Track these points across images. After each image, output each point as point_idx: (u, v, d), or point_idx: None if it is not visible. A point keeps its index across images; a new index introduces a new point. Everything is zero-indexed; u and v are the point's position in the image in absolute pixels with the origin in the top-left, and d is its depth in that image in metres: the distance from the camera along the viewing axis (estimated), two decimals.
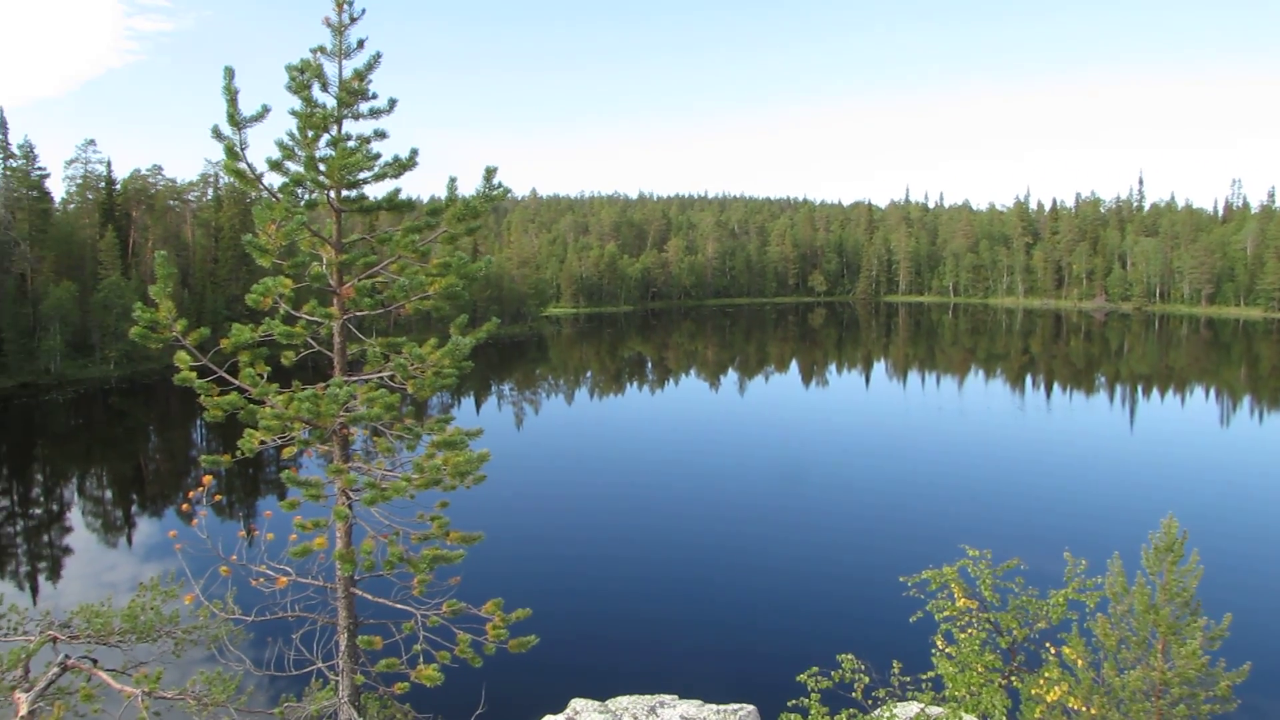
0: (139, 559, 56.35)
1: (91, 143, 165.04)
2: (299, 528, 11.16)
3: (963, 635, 15.05)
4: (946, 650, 15.27)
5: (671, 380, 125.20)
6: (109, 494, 74.43)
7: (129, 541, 61.08)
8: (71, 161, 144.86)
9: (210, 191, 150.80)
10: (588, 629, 38.92)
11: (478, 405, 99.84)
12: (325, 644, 12.48)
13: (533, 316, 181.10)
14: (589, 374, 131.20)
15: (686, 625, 39.84)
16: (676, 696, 18.29)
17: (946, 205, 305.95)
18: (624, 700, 16.92)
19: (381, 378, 11.19)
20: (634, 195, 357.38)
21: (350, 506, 11.10)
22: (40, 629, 19.49)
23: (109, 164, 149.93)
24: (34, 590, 50.38)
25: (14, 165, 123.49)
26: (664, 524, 55.13)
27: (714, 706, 17.66)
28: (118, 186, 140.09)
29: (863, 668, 15.13)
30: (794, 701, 15.27)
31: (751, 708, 18.45)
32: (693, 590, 44.26)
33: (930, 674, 15.34)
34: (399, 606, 11.68)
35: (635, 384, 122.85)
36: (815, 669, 15.31)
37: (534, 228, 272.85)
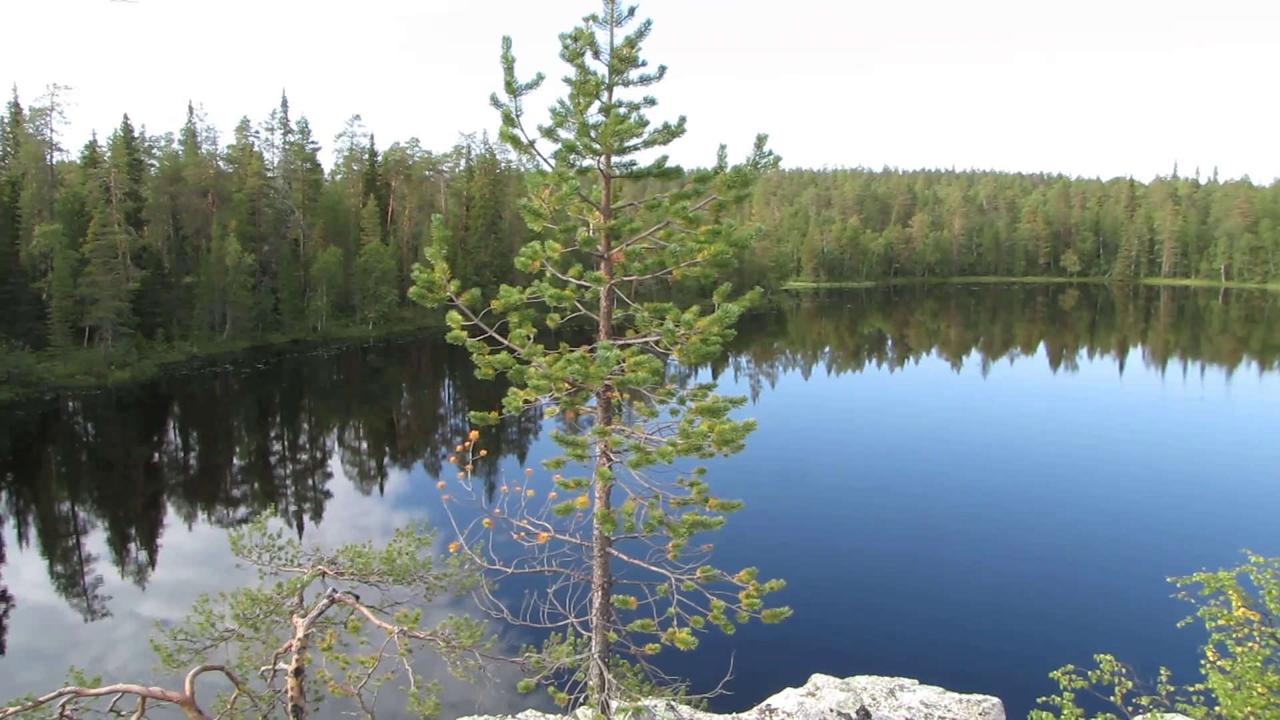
0: (390, 506, 59.90)
1: (357, 118, 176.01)
2: (561, 486, 11.47)
3: (1240, 649, 13.78)
4: (1219, 663, 14.04)
5: (912, 359, 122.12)
6: (365, 445, 79.38)
7: (381, 490, 64.99)
8: (340, 135, 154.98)
9: (463, 162, 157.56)
10: (830, 606, 38.68)
11: (714, 375, 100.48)
12: (578, 600, 12.83)
13: (772, 290, 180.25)
14: (827, 349, 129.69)
15: (929, 610, 38.97)
16: (916, 681, 17.86)
17: (1221, 181, 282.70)
18: (863, 680, 16.66)
19: (646, 342, 11.32)
20: (878, 169, 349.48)
21: (610, 468, 11.32)
22: (311, 563, 21.03)
23: (372, 137, 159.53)
24: (300, 528, 54.41)
25: (292, 140, 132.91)
26: (907, 505, 53.99)
27: (956, 695, 17.12)
28: (379, 158, 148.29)
29: (1124, 671, 14.22)
30: (1044, 699, 14.57)
31: (995, 700, 17.78)
32: (937, 574, 43.21)
33: (1200, 686, 14.26)
34: (653, 569, 11.85)
35: (874, 361, 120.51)
36: (1070, 667, 14.55)
37: (776, 200, 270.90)
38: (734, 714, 15.06)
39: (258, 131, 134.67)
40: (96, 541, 53.58)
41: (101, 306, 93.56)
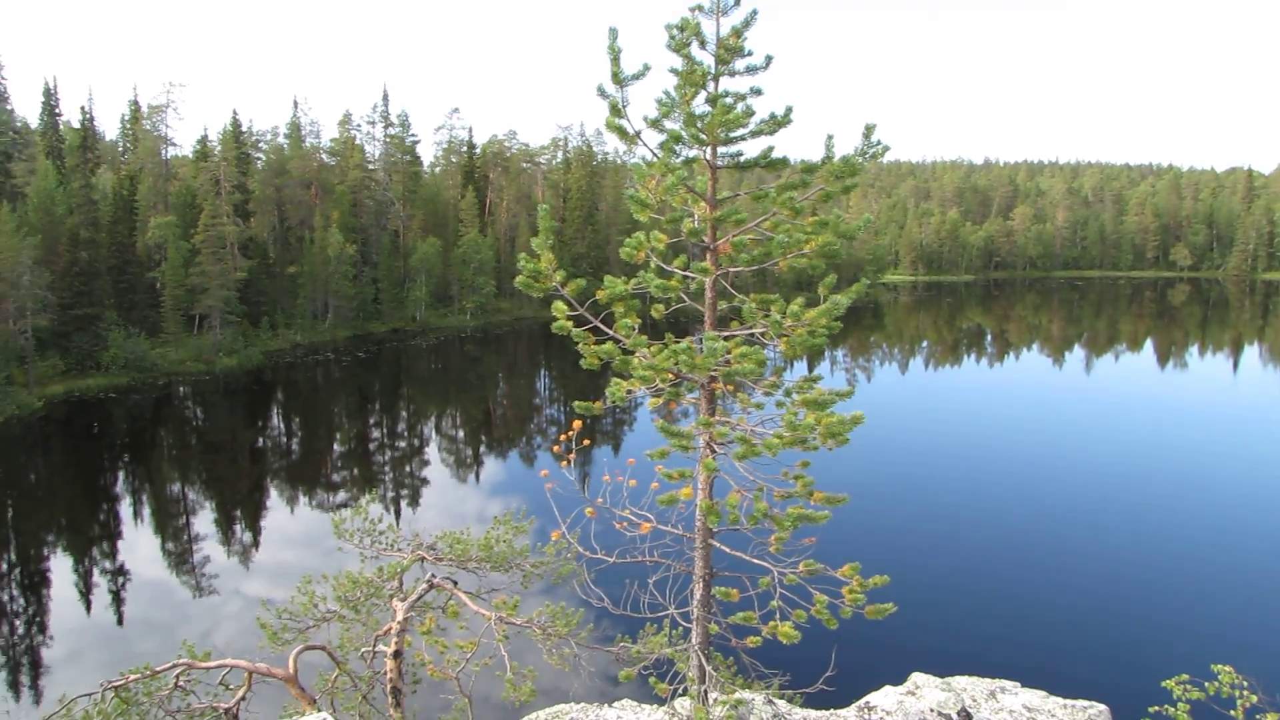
0: (485, 494, 60.68)
1: (456, 111, 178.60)
2: (665, 477, 11.48)
3: None
4: None
5: (1012, 354, 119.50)
6: (461, 433, 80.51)
7: (476, 478, 65.88)
8: (439, 128, 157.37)
9: (560, 155, 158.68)
10: (930, 604, 38.15)
11: (809, 368, 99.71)
12: (678, 591, 12.82)
13: (869, 283, 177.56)
14: (925, 344, 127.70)
15: (1031, 611, 38.21)
16: (1019, 684, 17.47)
17: None
18: (963, 680, 16.33)
19: (751, 334, 11.26)
20: (979, 160, 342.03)
21: (714, 460, 11.28)
22: (411, 548, 21.38)
23: (470, 130, 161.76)
24: (397, 514, 55.47)
25: (392, 133, 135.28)
26: (1011, 503, 52.96)
27: (1060, 700, 16.67)
28: (478, 150, 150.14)
29: (1245, 684, 13.65)
30: (1156, 709, 14.11)
31: (1103, 707, 17.28)
32: (1040, 575, 42.31)
33: None
34: (755, 561, 11.79)
35: (973, 356, 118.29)
36: (1184, 676, 14.06)
37: (873, 192, 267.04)
38: (832, 710, 14.91)
39: (359, 125, 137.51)
40: (204, 521, 55.34)
41: (211, 295, 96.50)
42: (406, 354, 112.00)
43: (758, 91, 11.74)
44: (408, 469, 67.62)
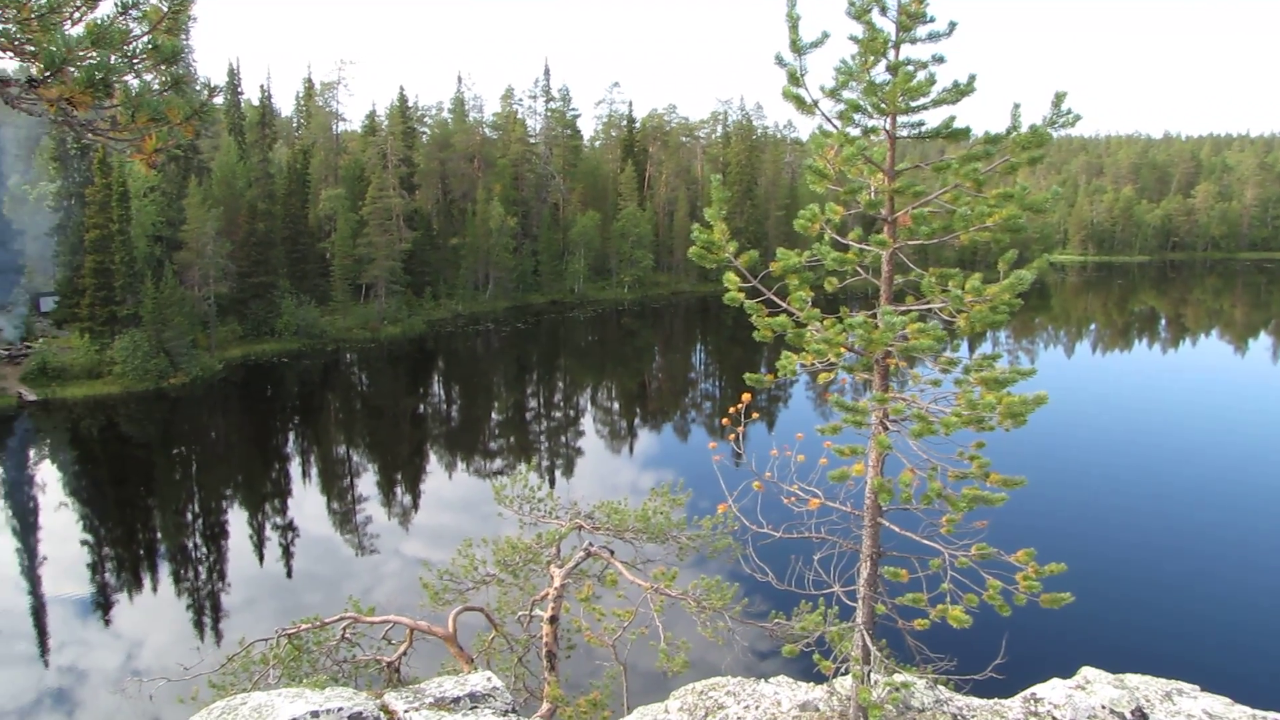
0: (639, 466, 61.20)
1: (616, 85, 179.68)
2: (836, 453, 11.31)
3: None
4: None
5: (1189, 340, 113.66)
6: (617, 405, 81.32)
7: (630, 450, 66.47)
8: (599, 102, 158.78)
9: (719, 129, 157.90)
10: (1101, 596, 36.69)
11: (971, 349, 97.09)
12: (844, 569, 12.65)
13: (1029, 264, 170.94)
14: (1093, 326, 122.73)
15: (1213, 612, 36.35)
16: (1198, 688, 16.62)
17: None
18: (1136, 679, 15.61)
19: (929, 309, 10.97)
20: (1157, 134, 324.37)
21: (887, 437, 11.06)
22: (569, 516, 21.69)
23: (630, 104, 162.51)
24: (551, 482, 56.43)
25: (553, 107, 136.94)
26: (1187, 498, 50.42)
27: (1247, 709, 15.71)
28: (637, 124, 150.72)
29: None
30: None
31: None
32: (1224, 573, 40.25)
33: None
34: (925, 542, 11.51)
35: (1145, 341, 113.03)
36: None
37: (1042, 168, 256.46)
38: (996, 699, 14.48)
39: (521, 99, 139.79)
40: (367, 483, 57.46)
41: (377, 265, 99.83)
42: (564, 326, 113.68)
43: (940, 59, 11.40)
44: (563, 439, 68.74)
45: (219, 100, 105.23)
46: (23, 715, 31.31)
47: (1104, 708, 13.75)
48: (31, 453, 62.94)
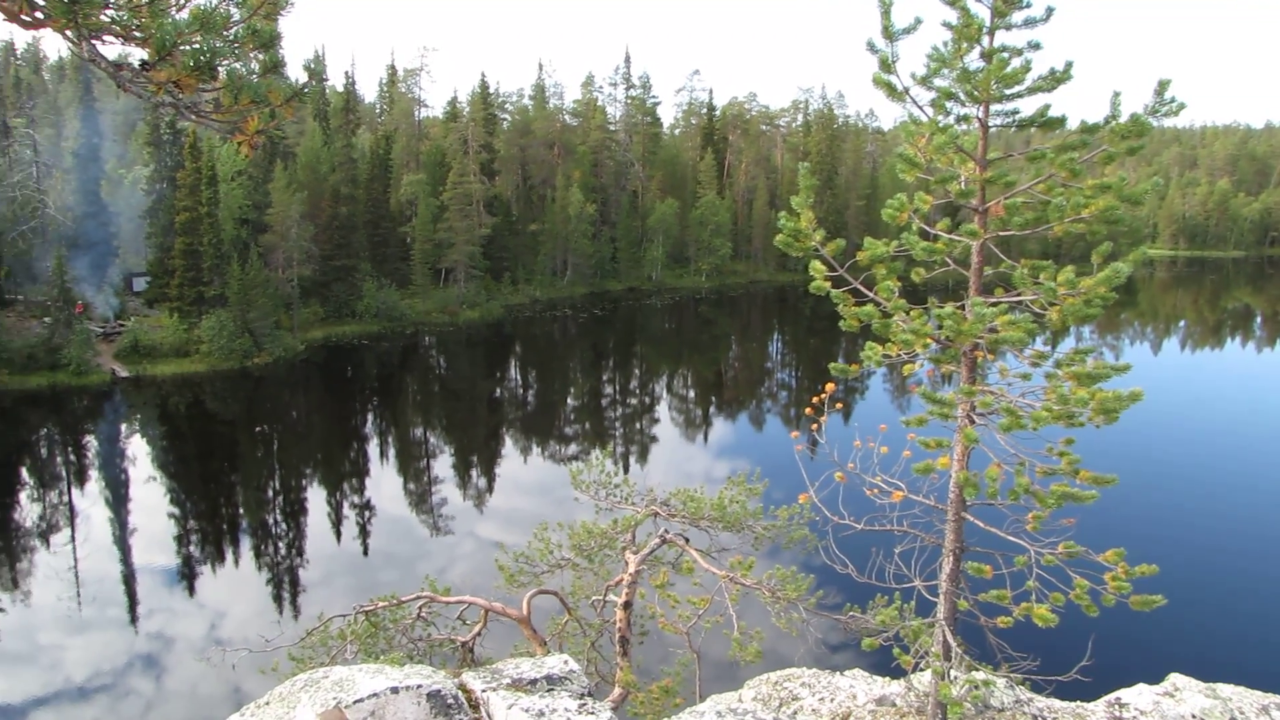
0: (713, 455, 61.13)
1: (697, 72, 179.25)
2: (922, 445, 11.15)
3: None
4: None
5: None
6: (692, 393, 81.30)
7: (705, 438, 66.43)
8: (679, 90, 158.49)
9: (800, 117, 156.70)
10: (1192, 602, 35.66)
11: (1054, 343, 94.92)
12: (925, 564, 12.49)
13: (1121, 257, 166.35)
14: (1183, 323, 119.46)
15: None
16: None
17: None
18: (1229, 689, 15.11)
19: (1020, 301, 10.74)
20: (1258, 124, 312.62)
21: (974, 430, 10.87)
22: (645, 503, 21.74)
23: (710, 92, 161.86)
24: (626, 468, 56.59)
25: (633, 94, 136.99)
26: None
27: None
28: (717, 113, 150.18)
29: None
30: None
31: None
32: None
33: None
34: (1010, 539, 11.31)
35: (1239, 339, 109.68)
36: None
37: (1131, 160, 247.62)
38: (1079, 702, 14.17)
39: (601, 87, 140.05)
40: (443, 465, 58.23)
41: (456, 250, 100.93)
42: (641, 313, 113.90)
43: (1036, 46, 11.13)
44: (638, 426, 68.92)
45: (317, 84, 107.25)
46: (117, 676, 32.41)
47: (1194, 717, 13.39)
48: (123, 427, 64.90)
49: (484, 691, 10.47)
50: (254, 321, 76.11)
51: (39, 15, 4.39)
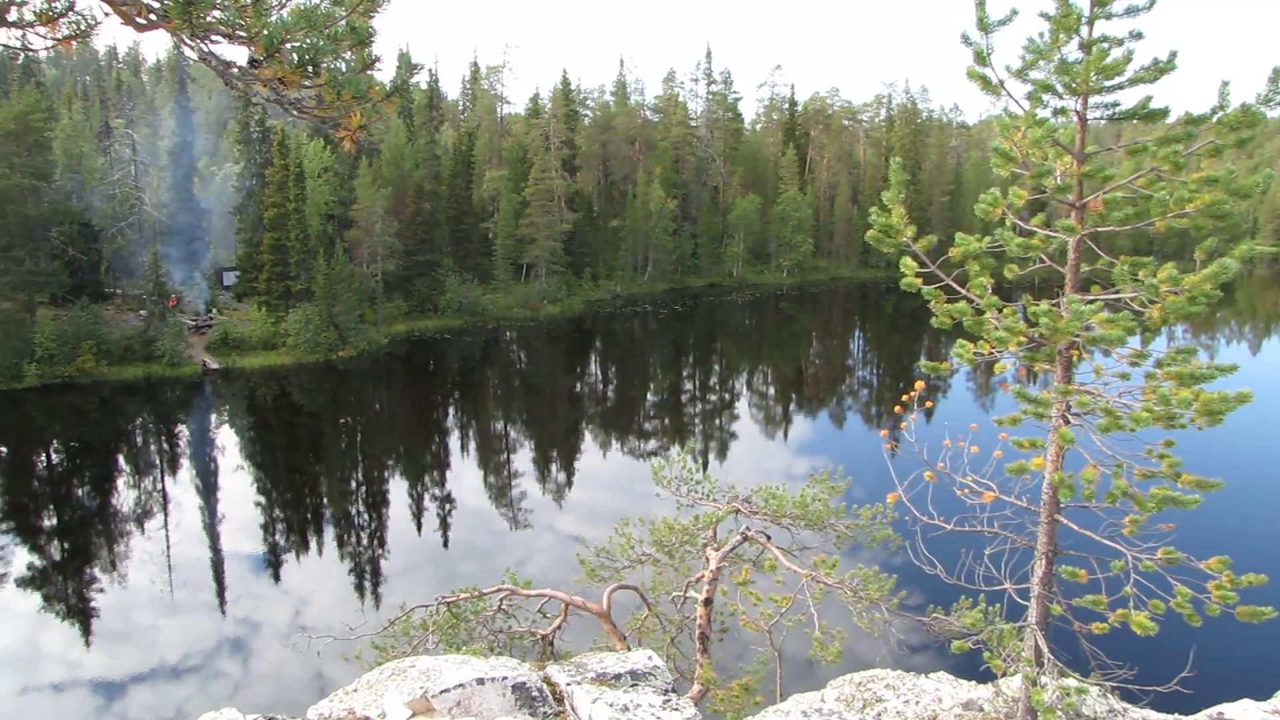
0: (793, 452, 60.65)
1: (778, 68, 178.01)
2: (1015, 445, 10.91)
3: None
4: None
5: None
6: (772, 390, 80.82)
7: (785, 435, 65.95)
8: (761, 85, 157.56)
9: (883, 112, 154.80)
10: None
11: (1143, 343, 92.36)
12: (1016, 566, 12.21)
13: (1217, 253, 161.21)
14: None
15: None
16: None
17: None
18: None
19: (1118, 298, 10.45)
20: None
21: (1069, 430, 10.60)
22: (726, 499, 21.62)
23: (792, 87, 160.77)
24: (705, 465, 56.42)
25: (715, 90, 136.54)
26: None
27: None
28: (799, 108, 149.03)
29: None
30: None
31: None
32: None
33: None
34: (1105, 543, 11.00)
35: None
36: None
37: (1230, 151, 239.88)
38: (1177, 714, 13.75)
39: (683, 83, 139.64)
40: (523, 459, 58.63)
41: (538, 246, 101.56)
42: (722, 309, 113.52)
43: (1138, 35, 10.81)
44: (718, 422, 68.69)
45: (413, 80, 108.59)
46: (206, 657, 33.26)
47: None
48: (213, 417, 66.54)
49: (568, 685, 10.50)
50: (339, 315, 77.44)
51: (153, 17, 4.49)
